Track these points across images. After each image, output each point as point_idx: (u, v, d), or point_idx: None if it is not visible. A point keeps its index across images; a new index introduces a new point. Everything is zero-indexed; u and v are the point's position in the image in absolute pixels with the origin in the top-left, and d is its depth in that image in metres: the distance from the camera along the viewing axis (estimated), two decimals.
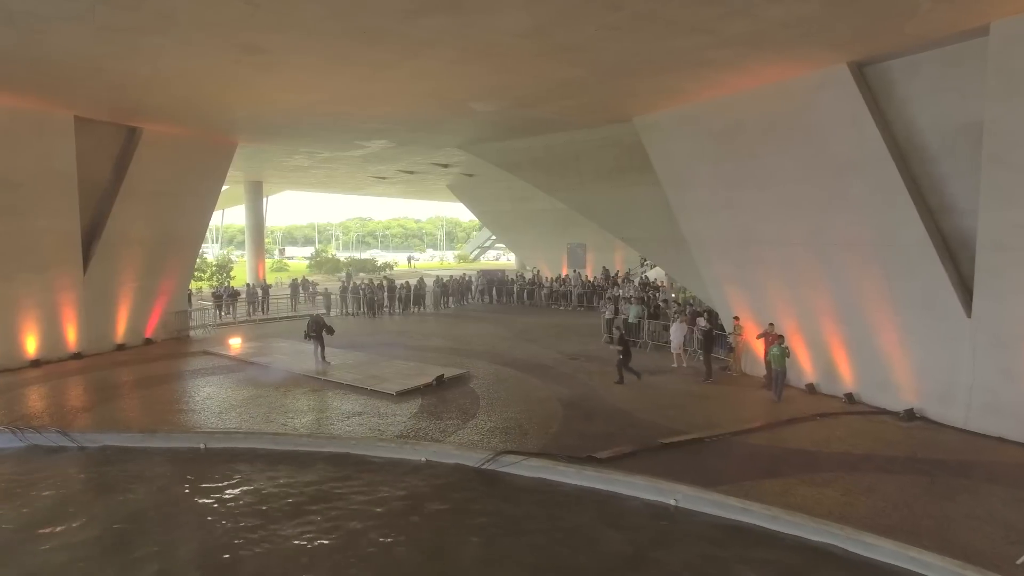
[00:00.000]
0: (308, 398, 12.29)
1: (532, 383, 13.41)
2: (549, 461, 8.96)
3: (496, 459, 9.15)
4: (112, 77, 11.78)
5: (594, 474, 8.64)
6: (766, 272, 13.45)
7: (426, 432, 10.20)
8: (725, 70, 11.58)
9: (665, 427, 10.43)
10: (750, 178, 13.31)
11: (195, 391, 12.86)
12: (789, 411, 11.30)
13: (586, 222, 33.50)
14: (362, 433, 10.19)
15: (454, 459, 9.36)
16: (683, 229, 15.59)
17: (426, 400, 12.04)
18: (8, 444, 10.34)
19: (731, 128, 13.42)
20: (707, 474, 8.43)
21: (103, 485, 8.87)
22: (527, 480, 8.84)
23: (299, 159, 25.42)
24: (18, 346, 14.77)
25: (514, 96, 13.89)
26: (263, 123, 16.84)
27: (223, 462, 9.60)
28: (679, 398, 12.32)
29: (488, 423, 10.63)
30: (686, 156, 14.88)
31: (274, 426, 10.61)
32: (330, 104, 14.46)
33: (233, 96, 13.52)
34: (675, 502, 8.01)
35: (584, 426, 10.57)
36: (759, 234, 13.39)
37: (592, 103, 14.57)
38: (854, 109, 10.93)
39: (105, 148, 16.47)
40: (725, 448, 9.54)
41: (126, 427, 10.64)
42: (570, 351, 16.70)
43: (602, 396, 12.37)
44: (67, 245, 15.49)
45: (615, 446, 9.37)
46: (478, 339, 18.39)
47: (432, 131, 18.93)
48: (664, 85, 12.75)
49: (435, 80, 12.33)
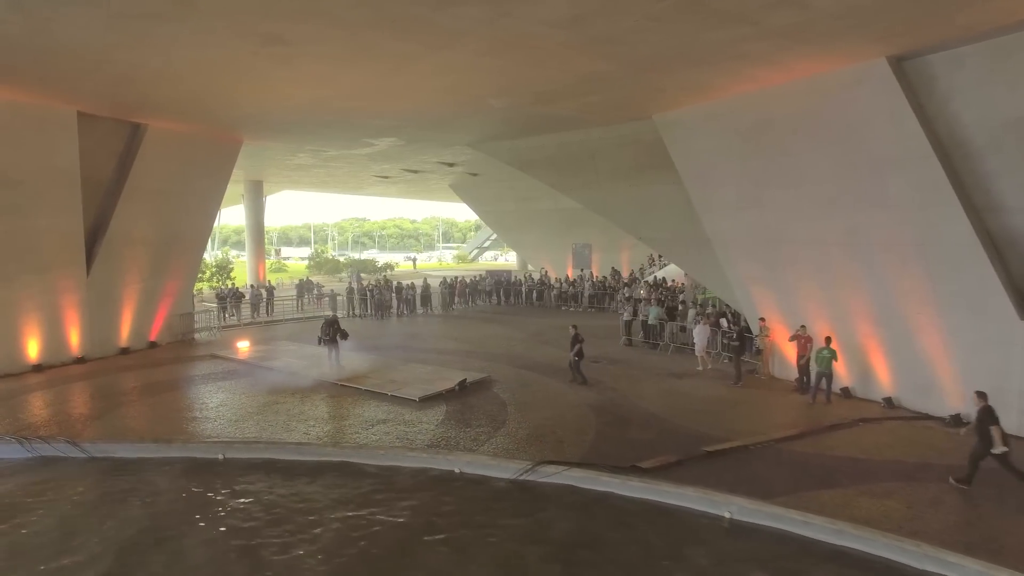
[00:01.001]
0: (327, 405, 11.80)
1: (557, 387, 12.99)
2: (592, 471, 8.54)
3: (535, 469, 8.72)
4: (120, 69, 11.26)
5: (640, 485, 8.24)
6: (797, 273, 13.10)
7: (456, 441, 9.75)
8: (759, 64, 11.22)
9: (704, 434, 10.04)
10: (780, 176, 12.96)
11: (207, 397, 12.34)
12: (829, 416, 10.94)
13: (592, 222, 33.36)
14: (389, 442, 9.72)
15: (490, 470, 8.92)
16: (707, 229, 15.22)
17: (451, 406, 11.59)
18: (15, 455, 9.80)
19: (759, 125, 13.06)
20: (758, 484, 8.05)
21: (118, 499, 8.33)
22: (569, 491, 8.41)
23: (303, 157, 24.87)
24: (19, 350, 14.18)
25: (534, 92, 13.48)
26: (271, 120, 16.33)
27: (244, 473, 9.10)
28: (712, 403, 11.94)
29: (520, 431, 10.20)
30: (710, 154, 14.51)
31: (295, 435, 10.12)
32: (344, 100, 13.99)
33: (245, 91, 13.02)
34: (729, 514, 7.61)
35: (620, 433, 10.16)
36: (789, 234, 13.04)
37: (614, 100, 14.18)
38: (893, 104, 10.59)
39: (108, 145, 15.91)
40: (771, 456, 9.16)
41: (139, 436, 10.12)
42: (590, 354, 16.23)
43: (632, 401, 11.96)
44: (70, 245, 14.92)
45: (658, 455, 8.97)
46: (492, 341, 17.95)
47: (443, 129, 18.48)
48: (693, 80, 12.38)
49: (457, 75, 11.91)
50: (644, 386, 13.11)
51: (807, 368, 12.36)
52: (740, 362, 13.59)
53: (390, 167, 28.72)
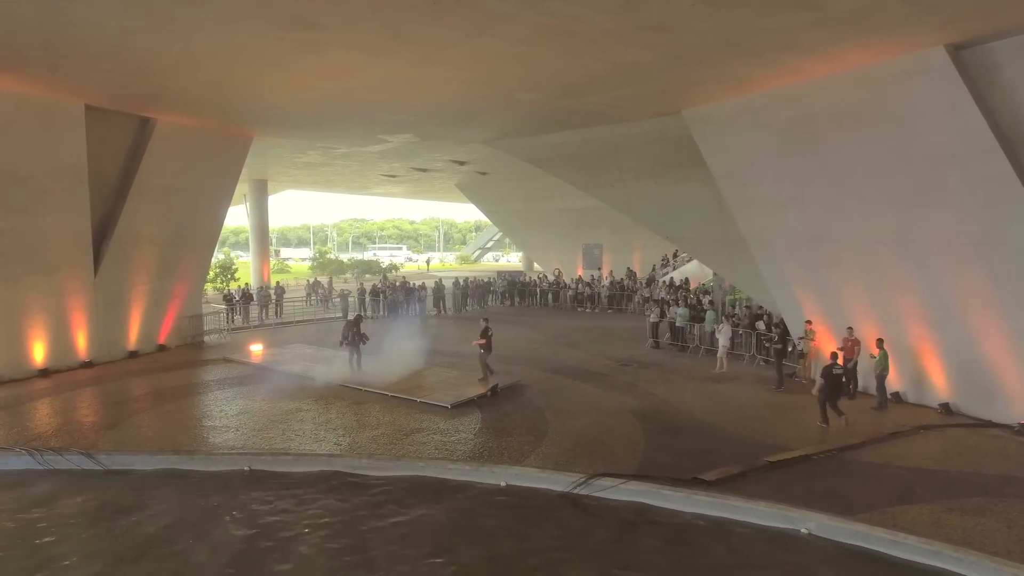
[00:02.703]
0: (354, 412, 11.18)
1: (593, 392, 12.41)
2: (652, 484, 7.97)
3: (589, 482, 8.14)
4: (136, 57, 10.63)
5: (706, 499, 7.66)
6: (842, 273, 12.57)
7: (499, 451, 9.15)
8: (807, 55, 10.71)
9: (759, 442, 9.49)
10: (823, 172, 12.43)
11: (226, 404, 11.70)
12: (886, 423, 10.41)
13: (602, 222, 32.84)
14: (428, 453, 9.12)
15: (539, 482, 8.33)
16: (742, 228, 14.68)
17: (485, 413, 10.99)
18: (26, 467, 9.16)
19: (800, 119, 12.54)
20: (832, 498, 7.49)
21: (142, 517, 7.71)
22: (626, 506, 7.84)
23: (313, 155, 24.25)
24: (25, 354, 13.50)
25: (565, 84, 12.93)
26: (287, 114, 15.71)
27: (274, 487, 8.48)
28: (758, 409, 11.39)
29: (564, 440, 9.61)
30: (746, 150, 13.98)
31: (325, 445, 9.50)
32: (368, 92, 13.38)
33: (265, 82, 12.41)
34: (807, 531, 7.05)
35: (671, 442, 9.59)
36: (834, 232, 12.51)
37: (645, 93, 13.63)
38: (953, 95, 10.06)
39: (116, 140, 15.27)
40: (837, 467, 8.60)
41: (158, 447, 9.49)
42: (618, 357, 15.73)
43: (676, 407, 11.40)
44: (77, 244, 14.26)
45: (717, 466, 8.40)
46: (514, 344, 17.35)
47: (462, 125, 17.91)
48: (733, 73, 11.87)
49: (489, 65, 11.36)
50: (683, 391, 12.55)
51: (854, 372, 11.85)
52: (781, 366, 13.07)
53: (399, 165, 28.14)
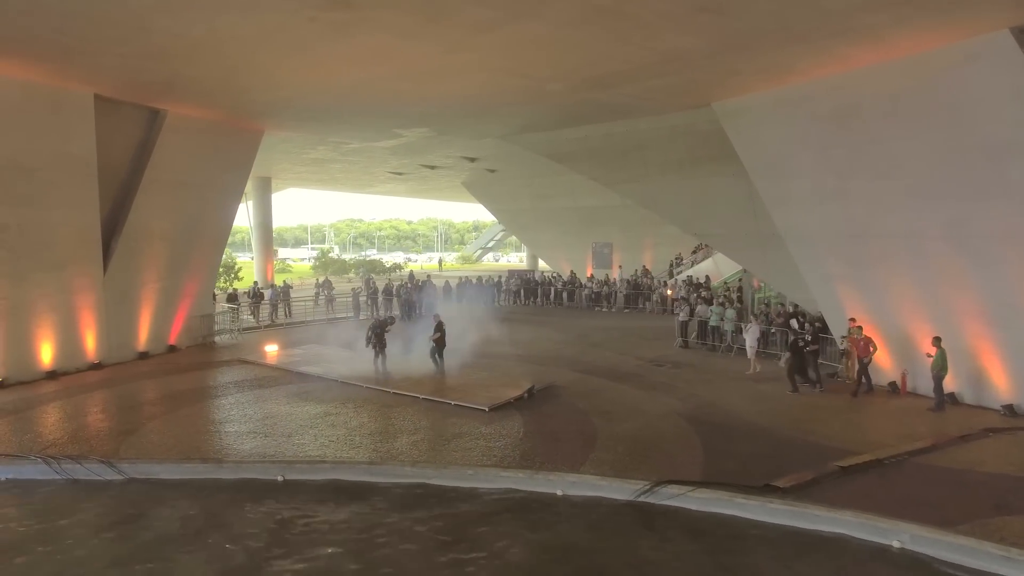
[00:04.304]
0: (386, 415, 10.60)
1: (633, 394, 11.87)
2: (723, 492, 7.43)
3: (654, 490, 7.60)
4: (155, 39, 10.01)
5: (783, 507, 7.14)
6: (888, 269, 12.08)
7: (550, 457, 8.59)
8: (861, 41, 10.23)
9: (820, 445, 8.98)
10: (868, 165, 11.95)
11: (248, 408, 11.08)
12: (947, 425, 9.93)
13: (612, 221, 32.35)
14: (475, 459, 8.55)
15: (600, 491, 7.77)
16: (778, 223, 14.17)
17: (526, 416, 10.42)
18: (40, 476, 8.52)
19: (843, 110, 12.05)
20: (919, 507, 6.97)
21: (172, 532, 7.10)
22: (698, 516, 7.30)
23: (322, 151, 23.63)
24: (32, 355, 12.81)
25: (598, 74, 12.41)
26: (304, 106, 15.11)
27: (311, 498, 7.89)
28: (807, 410, 10.89)
29: (617, 445, 9.06)
30: (783, 143, 13.49)
31: (363, 452, 8.92)
32: (392, 81, 12.79)
33: (287, 69, 11.80)
34: (899, 544, 6.53)
35: (728, 446, 9.06)
36: (879, 227, 12.03)
37: (680, 84, 13.11)
38: (1017, 81, 9.60)
39: (125, 132, 14.61)
40: (914, 472, 8.09)
41: (184, 455, 8.87)
42: (648, 357, 15.21)
43: (723, 409, 10.88)
44: (86, 240, 13.59)
45: (786, 471, 7.88)
46: (537, 344, 16.80)
47: (482, 119, 17.37)
48: (776, 62, 11.41)
49: (525, 52, 10.85)
50: (725, 392, 12.04)
51: (866, 371, 11.75)
52: (817, 366, 12.63)
53: (408, 162, 27.55)
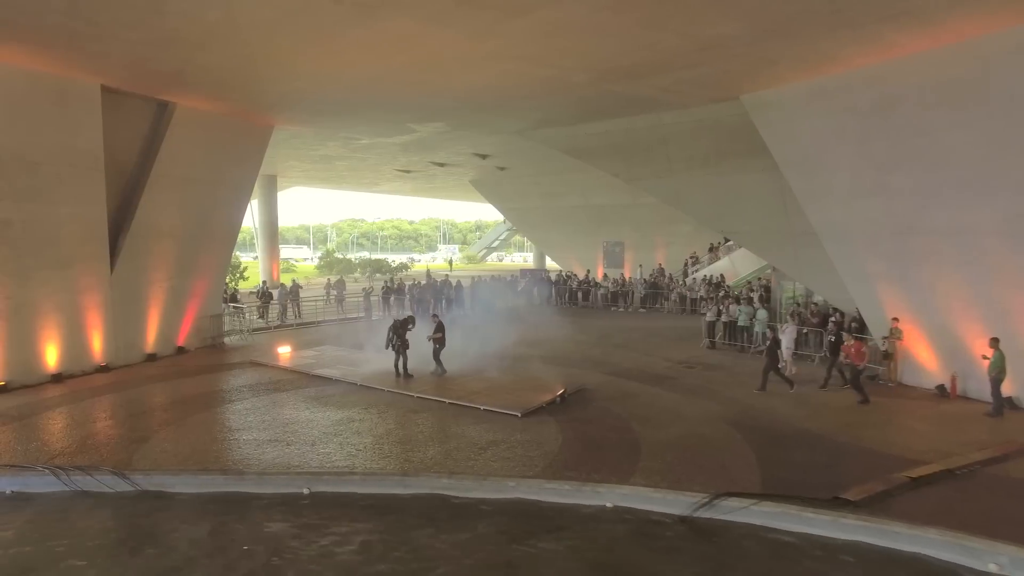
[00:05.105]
0: (413, 421, 10.01)
1: (669, 398, 11.30)
2: (789, 505, 6.85)
3: (713, 504, 7.03)
4: (167, 23, 9.43)
5: (857, 523, 6.55)
6: (935, 267, 11.52)
7: (593, 466, 8.01)
8: (914, 25, 9.69)
9: (881, 453, 8.42)
10: (911, 158, 11.39)
11: (265, 414, 10.49)
12: (1010, 432, 9.35)
13: (623, 219, 31.81)
14: (515, 470, 7.97)
15: (653, 503, 7.19)
16: (812, 220, 13.60)
17: (561, 422, 9.84)
18: (48, 488, 7.93)
19: (885, 101, 11.49)
20: (1010, 525, 6.40)
21: (195, 552, 6.52)
22: (762, 532, 6.73)
23: (332, 147, 23.04)
24: (37, 357, 12.22)
25: (629, 64, 11.84)
26: (318, 99, 14.52)
27: (340, 514, 7.28)
28: (857, 414, 10.34)
29: (665, 453, 8.48)
30: (819, 136, 12.91)
31: (392, 461, 8.33)
32: (412, 71, 12.22)
33: (304, 58, 11.23)
34: (996, 568, 5.95)
35: (783, 454, 8.49)
36: (925, 223, 11.46)
37: (712, 75, 12.53)
38: None
39: (133, 126, 14.04)
40: (992, 483, 7.52)
41: (201, 465, 8.28)
42: (677, 358, 14.63)
43: (768, 414, 10.31)
44: (92, 237, 13.01)
45: (849, 481, 7.32)
46: (560, 345, 16.22)
47: (500, 112, 16.78)
48: (818, 50, 10.88)
49: (557, 38, 10.29)
50: (764, 395, 11.46)
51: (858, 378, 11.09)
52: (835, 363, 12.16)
53: (418, 159, 26.97)
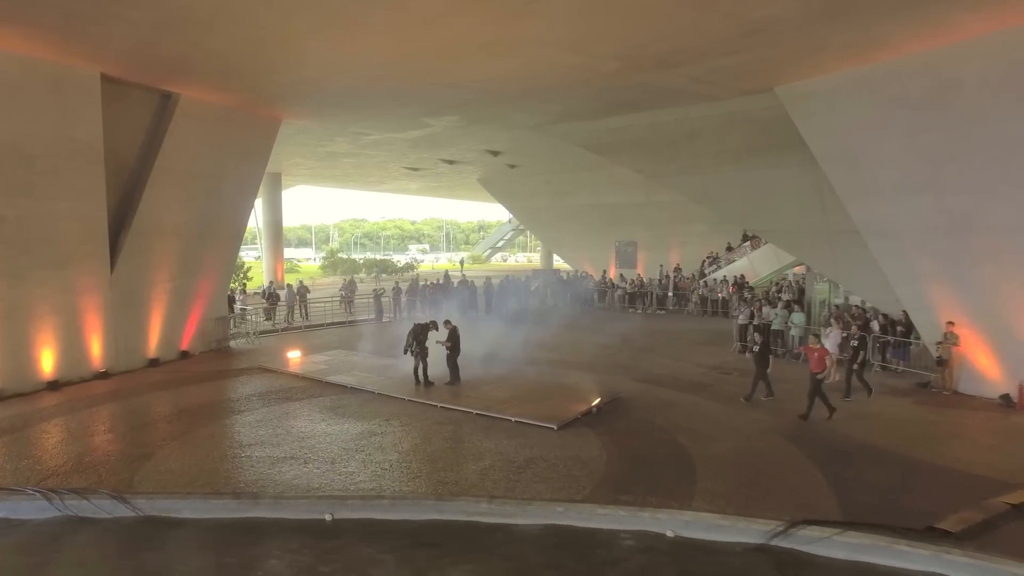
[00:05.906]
0: (440, 435, 9.20)
1: (712, 408, 10.49)
2: (878, 536, 6.05)
3: (789, 533, 6.23)
4: (173, 1, 8.65)
5: (964, 559, 5.75)
6: (997, 267, 10.72)
7: (647, 488, 7.21)
8: (984, 4, 8.96)
9: (964, 473, 7.64)
10: (968, 151, 10.61)
11: (278, 426, 9.67)
12: None
13: (636, 219, 30.98)
14: (561, 493, 7.17)
15: (720, 533, 6.40)
16: (855, 217, 12.81)
17: (601, 436, 9.02)
18: (39, 514, 7.14)
19: (938, 89, 10.72)
20: None
21: None
22: (847, 567, 5.93)
23: (341, 143, 22.24)
24: (32, 363, 11.42)
25: (665, 50, 11.10)
26: (329, 90, 13.73)
27: (367, 544, 6.51)
28: (920, 426, 9.54)
29: (724, 472, 7.66)
30: (863, 128, 12.13)
31: (423, 482, 7.53)
32: (433, 58, 11.42)
33: (320, 40, 10.42)
34: None
35: (852, 473, 7.69)
36: (984, 220, 10.69)
37: (750, 63, 11.77)
38: None
39: (134, 118, 13.25)
40: None
41: (210, 487, 7.48)
42: (709, 363, 13.83)
43: (825, 426, 9.49)
44: (92, 235, 12.22)
45: (933, 506, 6.54)
46: (583, 349, 15.40)
47: (519, 105, 15.96)
48: (871, 35, 10.20)
49: (594, 19, 9.56)
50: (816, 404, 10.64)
51: (819, 388, 9.79)
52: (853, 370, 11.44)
53: (428, 156, 26.21)
